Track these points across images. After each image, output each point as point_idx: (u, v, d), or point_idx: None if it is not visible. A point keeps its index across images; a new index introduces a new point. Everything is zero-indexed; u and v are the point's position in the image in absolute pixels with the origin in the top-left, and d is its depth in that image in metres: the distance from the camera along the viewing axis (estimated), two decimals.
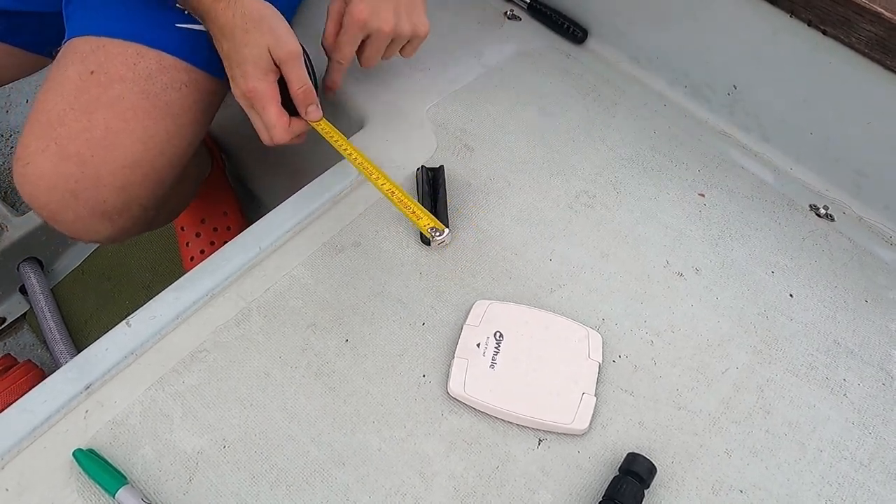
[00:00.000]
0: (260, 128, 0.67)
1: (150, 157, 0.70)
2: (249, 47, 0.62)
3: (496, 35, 0.90)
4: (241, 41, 0.62)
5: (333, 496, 0.52)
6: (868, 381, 0.63)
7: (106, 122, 0.67)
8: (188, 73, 0.72)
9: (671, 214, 0.73)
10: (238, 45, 0.63)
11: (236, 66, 0.64)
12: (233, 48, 0.63)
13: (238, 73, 0.64)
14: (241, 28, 0.62)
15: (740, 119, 0.82)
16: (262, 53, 0.63)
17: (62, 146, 0.66)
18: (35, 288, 1.06)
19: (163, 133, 0.70)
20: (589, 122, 0.81)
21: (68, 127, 0.66)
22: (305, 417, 0.55)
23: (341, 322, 0.61)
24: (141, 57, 0.69)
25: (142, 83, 0.69)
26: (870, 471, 0.57)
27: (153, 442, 0.53)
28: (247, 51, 0.62)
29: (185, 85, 0.72)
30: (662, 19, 0.83)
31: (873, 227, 0.76)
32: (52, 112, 0.67)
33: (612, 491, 0.52)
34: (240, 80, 0.64)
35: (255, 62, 0.63)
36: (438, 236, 0.64)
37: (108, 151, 0.67)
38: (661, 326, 0.64)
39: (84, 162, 0.66)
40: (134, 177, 0.69)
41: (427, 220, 0.64)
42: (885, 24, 0.65)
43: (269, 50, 0.63)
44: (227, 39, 0.63)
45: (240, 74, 0.64)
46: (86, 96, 0.67)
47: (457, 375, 0.57)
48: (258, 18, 0.62)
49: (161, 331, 0.59)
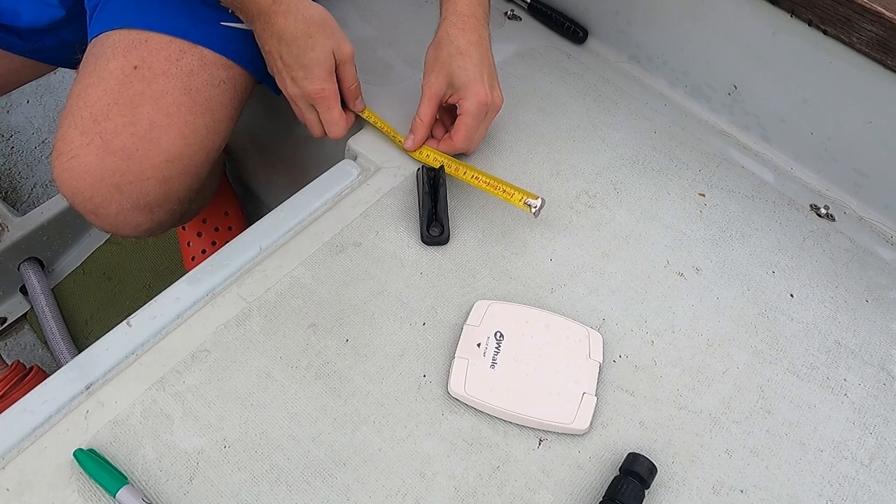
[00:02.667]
0: (315, 124, 0.71)
1: (190, 151, 0.71)
2: (316, 51, 0.65)
3: (496, 35, 0.90)
4: (307, 45, 0.65)
5: (334, 496, 0.52)
6: (869, 381, 0.63)
7: (150, 116, 0.68)
8: (227, 69, 0.73)
9: (671, 214, 0.73)
10: (303, 49, 0.65)
11: (300, 69, 0.66)
12: (297, 51, 0.65)
13: (302, 74, 0.66)
14: (305, 32, 0.65)
15: (740, 119, 0.82)
16: (327, 56, 0.66)
17: (107, 140, 0.66)
18: (36, 288, 1.06)
19: (202, 128, 0.71)
20: (589, 121, 0.81)
21: (113, 121, 0.67)
22: (306, 417, 0.55)
23: (342, 322, 0.61)
24: (183, 53, 0.70)
25: (184, 79, 0.70)
26: (870, 471, 0.57)
27: (153, 442, 0.53)
28: (313, 54, 0.65)
29: (224, 81, 0.73)
30: (662, 19, 0.83)
31: (874, 227, 0.76)
32: (95, 106, 0.67)
33: (612, 491, 0.52)
34: (304, 81, 0.67)
35: (321, 64, 0.66)
36: (536, 206, 0.67)
37: (151, 145, 0.68)
38: (662, 326, 0.64)
39: (129, 156, 0.67)
40: (175, 170, 0.70)
41: (520, 195, 0.68)
42: (885, 24, 0.65)
43: (333, 52, 0.66)
44: (288, 44, 0.65)
45: (304, 76, 0.66)
46: (130, 91, 0.68)
47: (457, 375, 0.57)
48: (321, 23, 0.65)
49: (162, 331, 0.59)
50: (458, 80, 0.68)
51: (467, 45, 0.70)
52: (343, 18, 0.91)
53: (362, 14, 0.93)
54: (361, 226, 0.68)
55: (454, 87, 0.69)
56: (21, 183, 1.30)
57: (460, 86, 0.68)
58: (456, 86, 0.69)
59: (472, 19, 0.72)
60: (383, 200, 0.70)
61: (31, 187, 1.29)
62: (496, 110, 0.72)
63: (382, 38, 0.90)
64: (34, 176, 1.31)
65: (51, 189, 1.28)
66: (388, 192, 0.71)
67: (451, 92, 0.70)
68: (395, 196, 0.70)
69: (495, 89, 0.71)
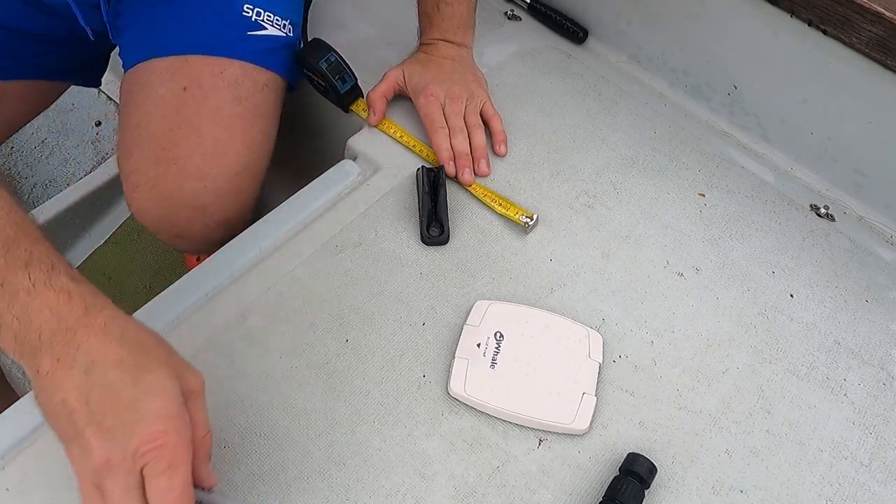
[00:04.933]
0: None
1: (254, 159, 0.73)
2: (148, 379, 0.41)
3: (496, 35, 0.90)
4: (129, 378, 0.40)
5: (333, 496, 0.52)
6: (868, 381, 0.63)
7: (213, 133, 0.70)
8: (264, 74, 0.75)
9: (671, 214, 0.73)
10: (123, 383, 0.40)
11: (120, 412, 0.39)
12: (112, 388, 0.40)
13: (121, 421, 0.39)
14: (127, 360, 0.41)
15: (740, 119, 0.82)
16: (167, 386, 0.41)
17: (181, 165, 0.68)
18: None
19: (259, 134, 0.73)
20: (589, 122, 0.81)
21: (181, 145, 0.69)
22: (305, 417, 0.55)
23: (341, 322, 0.61)
24: (225, 66, 0.72)
25: (232, 89, 0.72)
26: (870, 471, 0.57)
27: None
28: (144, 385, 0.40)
29: (266, 85, 0.75)
30: (662, 19, 0.83)
31: (874, 227, 0.76)
32: (159, 133, 0.69)
33: (612, 491, 0.52)
34: (128, 428, 0.39)
35: (160, 395, 0.40)
36: (531, 223, 0.68)
37: (221, 161, 0.70)
38: (662, 326, 0.64)
39: (204, 176, 0.69)
40: (245, 181, 0.72)
41: (515, 210, 0.69)
42: (885, 24, 0.65)
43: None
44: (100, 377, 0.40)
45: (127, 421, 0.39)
46: (187, 112, 0.70)
47: (457, 375, 0.57)
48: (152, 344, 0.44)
49: (161, 331, 0.58)
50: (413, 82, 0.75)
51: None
52: (343, 18, 0.91)
53: (362, 14, 0.93)
54: (361, 226, 0.68)
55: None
56: (21, 183, 1.30)
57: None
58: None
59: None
60: (383, 200, 0.70)
61: (31, 187, 1.29)
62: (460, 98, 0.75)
63: (382, 38, 0.90)
64: (34, 176, 1.31)
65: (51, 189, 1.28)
66: (388, 192, 0.70)
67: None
68: (395, 196, 0.70)
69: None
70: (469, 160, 0.72)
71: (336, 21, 0.91)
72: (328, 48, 0.76)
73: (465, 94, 0.75)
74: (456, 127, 0.73)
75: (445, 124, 0.73)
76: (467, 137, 0.73)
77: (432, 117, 0.73)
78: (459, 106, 0.74)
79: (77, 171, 1.27)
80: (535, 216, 0.70)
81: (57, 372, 0.39)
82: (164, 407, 0.39)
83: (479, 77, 0.78)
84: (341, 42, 0.79)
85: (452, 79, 0.75)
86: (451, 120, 0.73)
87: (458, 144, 0.72)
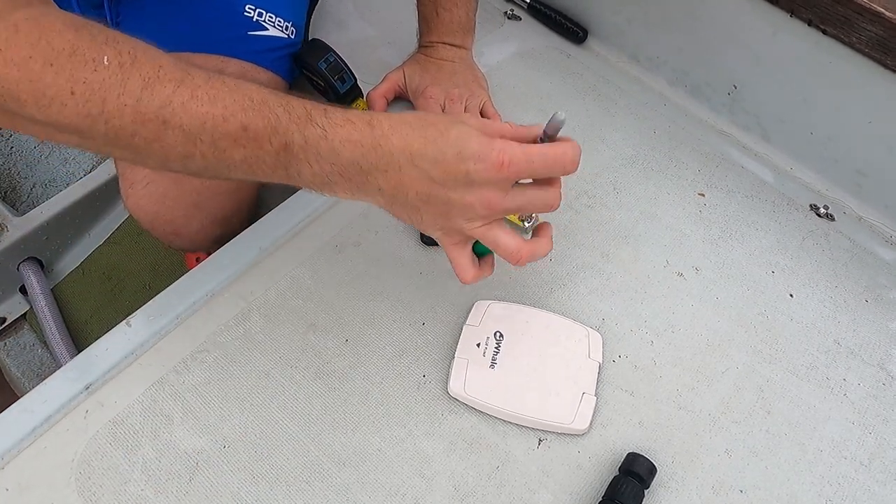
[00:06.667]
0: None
1: None
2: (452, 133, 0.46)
3: (496, 35, 0.90)
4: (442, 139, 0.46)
5: (333, 496, 0.52)
6: (868, 381, 0.63)
7: None
8: (264, 74, 0.75)
9: (671, 214, 0.73)
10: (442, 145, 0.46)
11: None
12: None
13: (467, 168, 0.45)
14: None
15: (740, 119, 0.82)
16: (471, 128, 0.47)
17: None
18: (35, 288, 1.05)
19: None
20: (589, 121, 0.81)
21: None
22: (305, 417, 0.55)
23: (341, 322, 0.61)
24: (225, 64, 0.72)
25: None
26: (870, 471, 0.57)
27: (153, 442, 0.53)
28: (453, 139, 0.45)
29: (265, 86, 0.73)
30: (662, 19, 0.83)
31: (873, 227, 0.76)
32: None
33: (612, 491, 0.52)
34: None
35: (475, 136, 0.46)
36: (529, 223, 0.64)
37: None
38: (662, 326, 0.64)
39: None
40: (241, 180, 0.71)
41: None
42: (885, 24, 0.65)
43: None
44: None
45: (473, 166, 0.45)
46: None
47: (457, 375, 0.57)
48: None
49: (161, 331, 0.59)
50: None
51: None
52: (343, 18, 0.91)
53: (362, 14, 0.93)
54: (361, 226, 0.68)
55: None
56: (21, 183, 1.30)
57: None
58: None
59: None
60: None
61: (31, 187, 1.29)
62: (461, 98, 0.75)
63: (382, 38, 0.90)
64: (34, 176, 1.31)
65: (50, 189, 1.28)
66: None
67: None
68: None
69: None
70: None
71: (336, 21, 0.91)
72: (327, 48, 0.76)
73: (464, 95, 0.75)
74: None
75: None
76: None
77: None
78: (459, 107, 0.74)
79: (77, 171, 1.27)
80: (536, 216, 0.69)
81: (393, 181, 0.45)
82: (482, 142, 0.44)
83: (478, 77, 0.78)
84: (341, 42, 0.79)
85: (452, 80, 0.75)
86: None
87: None
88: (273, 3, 0.76)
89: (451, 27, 0.77)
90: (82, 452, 0.52)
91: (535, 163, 0.45)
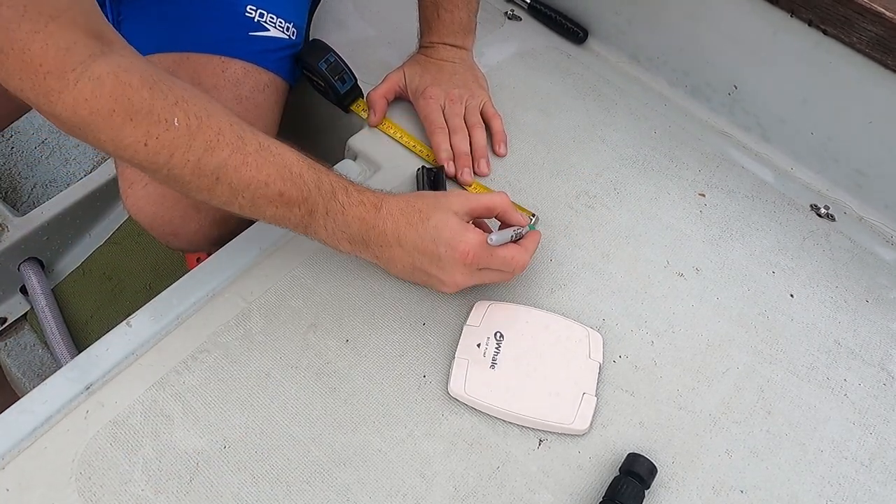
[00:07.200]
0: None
1: None
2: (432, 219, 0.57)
3: (496, 35, 0.90)
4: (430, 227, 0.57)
5: (333, 496, 0.52)
6: (869, 381, 0.63)
7: None
8: (265, 74, 0.75)
9: (671, 214, 0.73)
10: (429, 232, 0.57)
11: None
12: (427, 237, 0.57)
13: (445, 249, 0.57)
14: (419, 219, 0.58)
15: (740, 119, 0.82)
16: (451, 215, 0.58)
17: None
18: (36, 288, 1.05)
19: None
20: (589, 122, 0.81)
21: None
22: (306, 417, 0.55)
23: (342, 322, 0.61)
24: (226, 65, 0.72)
25: (233, 89, 0.72)
26: (870, 471, 0.57)
27: (153, 442, 0.53)
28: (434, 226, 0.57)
29: (267, 86, 0.75)
30: (663, 19, 0.83)
31: (874, 227, 0.76)
32: None
33: (612, 491, 0.52)
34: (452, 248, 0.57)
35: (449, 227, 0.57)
36: (531, 223, 0.69)
37: None
38: (662, 327, 0.64)
39: None
40: None
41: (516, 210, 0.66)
42: (885, 24, 0.65)
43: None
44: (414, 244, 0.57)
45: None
46: None
47: (457, 376, 0.57)
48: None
49: (161, 331, 0.59)
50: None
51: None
52: (343, 18, 0.91)
53: (362, 14, 0.93)
54: None
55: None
56: (21, 183, 1.30)
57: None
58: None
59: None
60: None
61: (31, 187, 1.29)
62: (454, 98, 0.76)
63: (382, 37, 0.90)
64: (34, 176, 1.31)
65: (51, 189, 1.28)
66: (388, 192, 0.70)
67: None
68: None
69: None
70: (468, 160, 0.72)
71: (336, 21, 0.91)
72: (327, 49, 0.76)
73: (464, 95, 0.75)
74: (456, 127, 0.73)
75: (445, 125, 0.73)
76: (467, 137, 0.73)
77: (431, 119, 0.73)
78: (459, 107, 0.74)
79: (77, 171, 1.27)
80: (536, 216, 0.70)
81: (385, 254, 0.58)
82: (454, 231, 0.56)
83: (479, 77, 0.78)
84: (341, 42, 0.79)
85: (452, 80, 0.75)
86: (451, 120, 0.73)
87: (457, 144, 0.72)
88: (274, 4, 0.76)
89: (452, 28, 0.77)
90: (82, 453, 0.52)
91: (493, 259, 0.57)
